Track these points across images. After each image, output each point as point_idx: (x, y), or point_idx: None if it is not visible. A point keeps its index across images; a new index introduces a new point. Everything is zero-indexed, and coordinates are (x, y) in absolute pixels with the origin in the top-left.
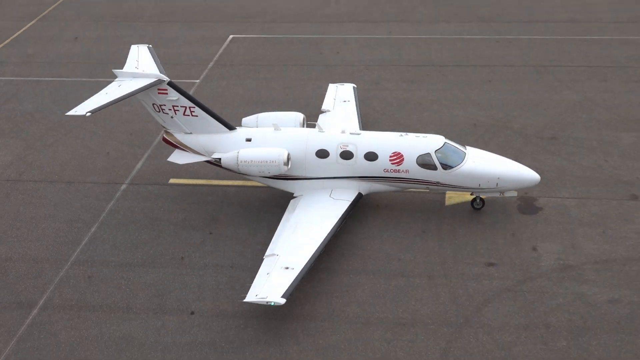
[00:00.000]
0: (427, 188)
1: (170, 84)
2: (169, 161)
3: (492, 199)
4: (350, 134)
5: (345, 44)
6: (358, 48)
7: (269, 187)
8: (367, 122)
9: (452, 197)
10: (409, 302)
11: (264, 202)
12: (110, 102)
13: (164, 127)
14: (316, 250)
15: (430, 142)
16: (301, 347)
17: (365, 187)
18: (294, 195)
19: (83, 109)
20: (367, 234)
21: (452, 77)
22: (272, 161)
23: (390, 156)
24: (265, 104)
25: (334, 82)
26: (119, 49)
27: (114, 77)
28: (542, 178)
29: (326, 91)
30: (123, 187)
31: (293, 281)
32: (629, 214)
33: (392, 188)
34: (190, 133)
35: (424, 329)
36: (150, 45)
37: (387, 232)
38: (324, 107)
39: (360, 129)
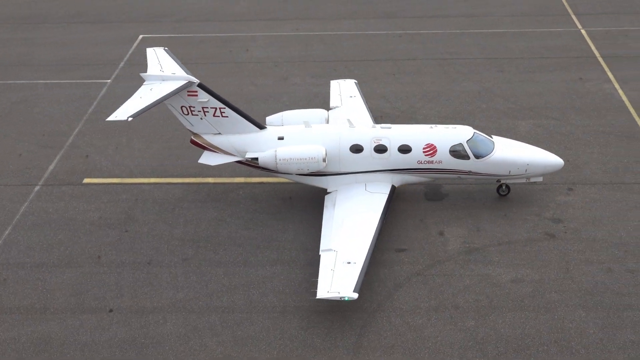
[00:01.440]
0: (459, 177)
1: (200, 85)
2: (200, 163)
3: (403, 189)
4: (382, 127)
5: (254, 42)
6: (266, 45)
7: (300, 184)
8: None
9: None
10: None
11: (179, 199)
12: (148, 105)
13: (191, 130)
14: (371, 243)
15: (461, 133)
16: (220, 339)
17: (398, 179)
18: (328, 190)
19: (123, 114)
20: (282, 225)
21: (358, 71)
22: (312, 158)
23: (424, 148)
24: None
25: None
26: (29, 51)
27: (23, 78)
28: None
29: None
30: (37, 188)
31: (360, 275)
32: (527, 197)
33: (424, 179)
34: (220, 134)
35: (339, 315)
36: (166, 48)
37: (301, 223)
38: (332, 103)
39: (373, 123)
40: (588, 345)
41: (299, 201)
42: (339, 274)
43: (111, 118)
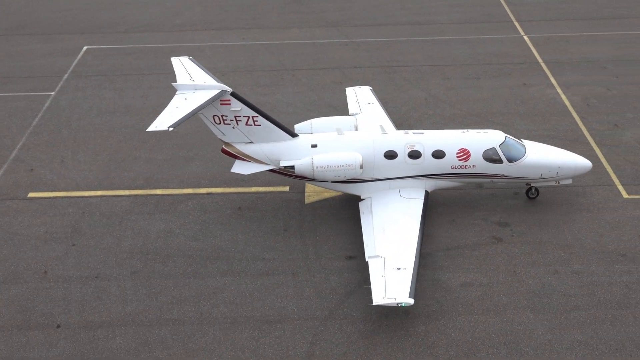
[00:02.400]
0: (491, 181)
1: (233, 94)
2: (232, 172)
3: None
4: (414, 133)
5: (200, 52)
6: (213, 55)
7: (333, 191)
8: None
9: (312, 196)
10: (275, 300)
11: (127, 211)
12: (187, 115)
13: (222, 140)
14: (417, 249)
15: (494, 137)
16: (171, 352)
17: (430, 185)
18: (362, 197)
19: (162, 124)
20: (231, 236)
21: (306, 80)
22: (349, 165)
23: (457, 153)
24: (124, 114)
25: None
26: None
27: None
28: None
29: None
30: None
31: (412, 280)
32: (474, 202)
33: (456, 184)
34: (252, 142)
35: (290, 324)
36: (191, 57)
37: (251, 233)
38: (351, 110)
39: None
40: (536, 346)
41: (248, 211)
42: (391, 280)
43: (151, 128)
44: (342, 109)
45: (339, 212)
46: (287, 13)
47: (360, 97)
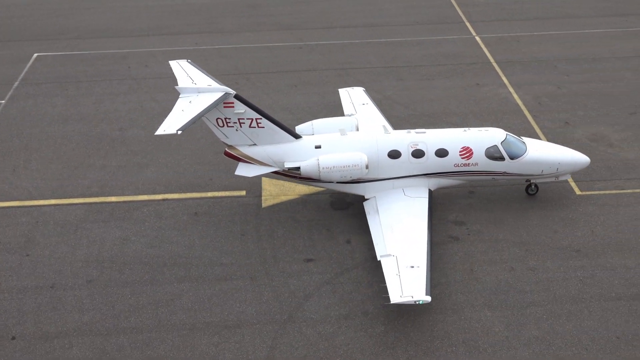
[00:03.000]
0: (493, 179)
1: (236, 96)
2: (236, 174)
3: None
4: (417, 132)
5: (153, 57)
6: (166, 60)
7: (337, 193)
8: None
9: (269, 199)
10: (234, 305)
11: (81, 220)
12: (194, 118)
13: (225, 142)
14: (427, 247)
15: (495, 135)
16: None
17: (433, 183)
18: (366, 197)
19: (170, 127)
20: (188, 242)
21: (260, 84)
22: (355, 165)
23: (460, 151)
24: (76, 121)
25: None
26: None
27: None
28: None
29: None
30: None
31: (427, 278)
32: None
33: (459, 182)
34: (255, 144)
35: (250, 329)
36: (189, 60)
37: (208, 238)
38: (346, 111)
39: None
40: (494, 343)
41: (205, 216)
42: (406, 279)
43: (159, 132)
44: (297, 112)
45: (296, 215)
46: (241, 17)
47: (354, 97)
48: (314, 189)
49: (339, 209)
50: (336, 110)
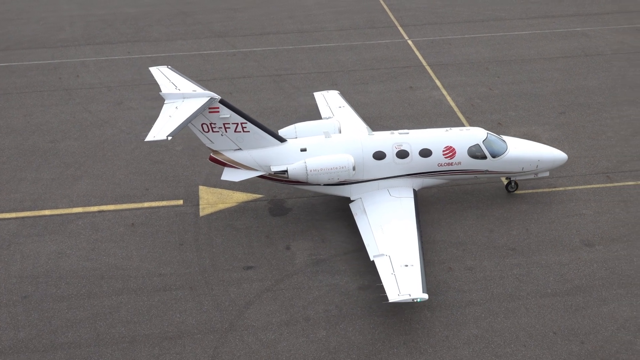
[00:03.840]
0: (475, 177)
1: (222, 101)
2: (223, 179)
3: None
4: (400, 133)
5: (85, 67)
6: (98, 70)
7: (322, 195)
8: (113, 142)
9: (206, 208)
10: (173, 315)
11: (14, 234)
12: (182, 123)
13: (210, 147)
14: (419, 245)
15: (476, 134)
16: None
17: (417, 183)
18: (352, 198)
19: (160, 133)
20: (125, 253)
21: None
22: (342, 167)
23: (443, 150)
24: (6, 134)
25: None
26: None
27: None
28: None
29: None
30: None
31: (422, 276)
32: None
33: (442, 181)
34: (240, 149)
35: (190, 339)
36: (170, 66)
37: (146, 249)
38: (323, 114)
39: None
40: (435, 343)
41: (142, 227)
42: (401, 278)
43: (149, 138)
44: None
45: (234, 223)
46: (173, 25)
47: (330, 101)
48: (253, 195)
49: (278, 215)
50: (273, 116)
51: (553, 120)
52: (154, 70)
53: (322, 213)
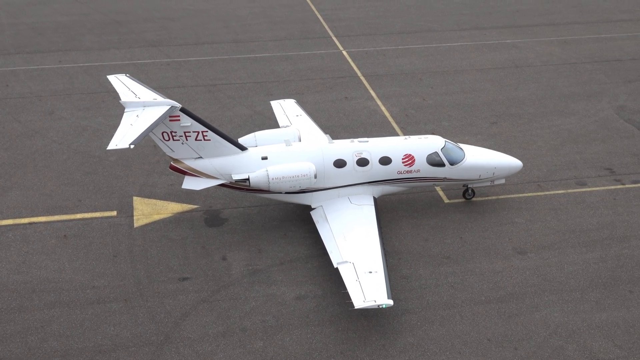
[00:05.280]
0: (434, 184)
1: (182, 109)
2: (184, 188)
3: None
4: (360, 141)
5: (14, 76)
6: (28, 79)
7: (282, 203)
8: (44, 152)
9: (141, 219)
10: (107, 328)
11: None
12: (144, 131)
13: (171, 156)
14: (382, 252)
15: (434, 142)
16: None
17: (377, 191)
18: (313, 206)
19: (122, 142)
20: (58, 266)
21: None
22: (304, 175)
23: (403, 158)
24: None
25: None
26: None
27: None
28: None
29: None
30: None
31: (386, 282)
32: (305, 216)
33: (401, 189)
34: (201, 157)
35: (125, 352)
36: (128, 74)
37: (78, 261)
38: (281, 123)
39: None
40: (371, 352)
41: (75, 239)
42: (366, 284)
43: (111, 147)
44: None
45: (170, 234)
46: (105, 34)
47: (287, 109)
48: (188, 206)
49: (214, 226)
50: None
51: (485, 130)
52: (112, 79)
53: (258, 223)
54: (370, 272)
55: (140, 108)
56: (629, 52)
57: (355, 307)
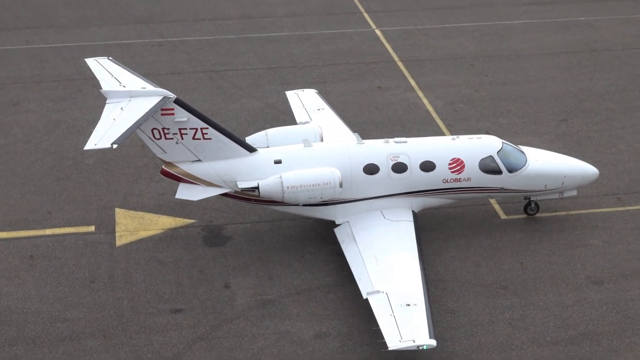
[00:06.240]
0: (488, 196)
1: (177, 101)
2: (177, 198)
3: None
4: (396, 142)
5: None
6: None
7: (299, 218)
8: (7, 153)
9: (124, 236)
10: None
11: None
12: (130, 128)
13: (162, 158)
14: (423, 280)
15: (490, 144)
16: None
17: (417, 204)
18: (337, 222)
19: (103, 140)
20: (22, 293)
21: None
22: (327, 183)
23: (449, 164)
24: None
25: None
26: None
27: None
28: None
29: None
30: None
31: (428, 318)
32: (326, 233)
33: (448, 201)
34: (200, 160)
35: None
36: (110, 57)
37: (47, 288)
38: (298, 119)
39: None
40: None
41: (43, 260)
42: (403, 320)
43: (89, 147)
44: None
45: (160, 255)
46: (84, 8)
47: (306, 102)
48: (183, 220)
49: (214, 246)
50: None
51: (552, 129)
52: (92, 63)
53: (269, 243)
54: (408, 305)
55: (125, 99)
56: None
57: (390, 349)
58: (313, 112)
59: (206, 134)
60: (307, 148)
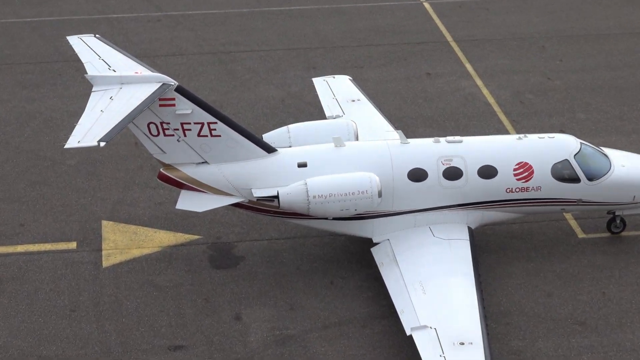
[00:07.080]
0: (562, 210)
1: (179, 89)
2: (179, 209)
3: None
4: (448, 142)
5: None
6: None
7: (328, 235)
8: None
9: (113, 255)
10: None
11: None
12: (121, 122)
13: (160, 160)
14: (481, 313)
15: (565, 144)
16: None
17: (475, 218)
18: (375, 240)
19: (89, 138)
20: None
21: None
22: (362, 192)
23: (515, 169)
24: None
25: None
26: None
27: None
28: None
29: None
30: None
31: (486, 358)
32: (363, 253)
33: (512, 215)
34: (206, 162)
35: None
36: (98, 35)
37: (18, 318)
38: (328, 112)
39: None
40: None
41: (13, 284)
42: None
43: (71, 144)
44: None
45: (156, 279)
46: None
47: (338, 91)
48: (185, 236)
49: (223, 268)
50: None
51: None
52: (75, 41)
53: (291, 265)
54: (462, 344)
55: (115, 86)
56: None
57: None
58: (346, 104)
59: (214, 129)
60: (339, 148)
